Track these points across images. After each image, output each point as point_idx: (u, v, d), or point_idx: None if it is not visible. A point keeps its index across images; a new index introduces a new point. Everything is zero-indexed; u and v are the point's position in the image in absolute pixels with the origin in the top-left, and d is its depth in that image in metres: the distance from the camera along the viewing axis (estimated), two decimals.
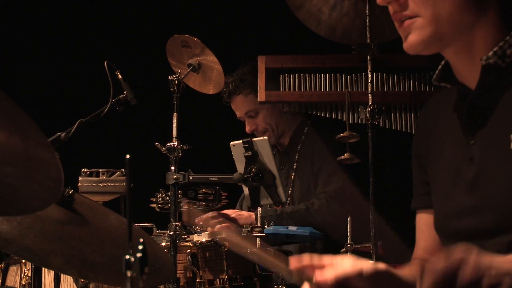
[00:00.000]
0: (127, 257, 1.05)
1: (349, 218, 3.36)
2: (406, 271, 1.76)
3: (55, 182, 1.04)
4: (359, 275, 1.57)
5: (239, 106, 4.09)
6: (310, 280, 1.64)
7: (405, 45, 1.71)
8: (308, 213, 3.74)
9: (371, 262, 1.67)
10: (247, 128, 4.07)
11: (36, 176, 1.06)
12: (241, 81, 3.92)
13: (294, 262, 1.63)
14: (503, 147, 1.63)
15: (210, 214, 3.71)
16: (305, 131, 4.05)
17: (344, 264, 1.60)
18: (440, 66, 1.80)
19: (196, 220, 3.34)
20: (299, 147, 4.04)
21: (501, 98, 1.66)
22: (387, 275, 1.61)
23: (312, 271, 1.64)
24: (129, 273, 1.04)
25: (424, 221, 1.92)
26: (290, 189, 3.99)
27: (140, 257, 1.06)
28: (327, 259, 1.63)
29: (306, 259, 1.64)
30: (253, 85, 3.73)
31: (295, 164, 4.02)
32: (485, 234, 1.66)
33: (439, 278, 1.44)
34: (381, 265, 1.63)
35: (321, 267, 1.62)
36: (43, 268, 2.74)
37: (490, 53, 1.66)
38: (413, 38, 1.68)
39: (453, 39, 1.68)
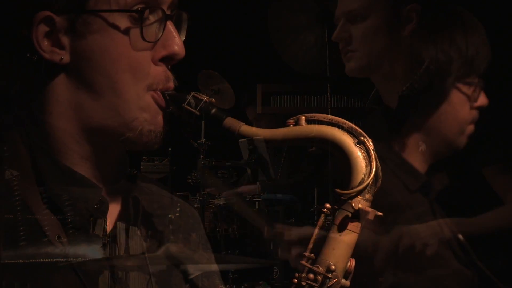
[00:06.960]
0: (170, 215, 1.08)
1: (315, 189, 3.37)
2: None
3: (123, 166, 1.09)
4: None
5: None
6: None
7: (346, 70, 1.70)
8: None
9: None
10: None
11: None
12: None
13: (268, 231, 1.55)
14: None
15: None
16: None
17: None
18: (371, 94, 1.80)
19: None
20: None
21: (410, 117, 1.66)
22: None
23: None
24: (171, 226, 1.07)
25: None
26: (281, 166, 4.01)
27: (177, 215, 1.10)
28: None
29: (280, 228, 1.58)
30: None
31: (284, 152, 4.04)
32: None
33: (389, 252, 1.41)
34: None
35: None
36: None
37: (404, 88, 1.63)
38: (353, 65, 1.67)
39: (377, 68, 1.67)
